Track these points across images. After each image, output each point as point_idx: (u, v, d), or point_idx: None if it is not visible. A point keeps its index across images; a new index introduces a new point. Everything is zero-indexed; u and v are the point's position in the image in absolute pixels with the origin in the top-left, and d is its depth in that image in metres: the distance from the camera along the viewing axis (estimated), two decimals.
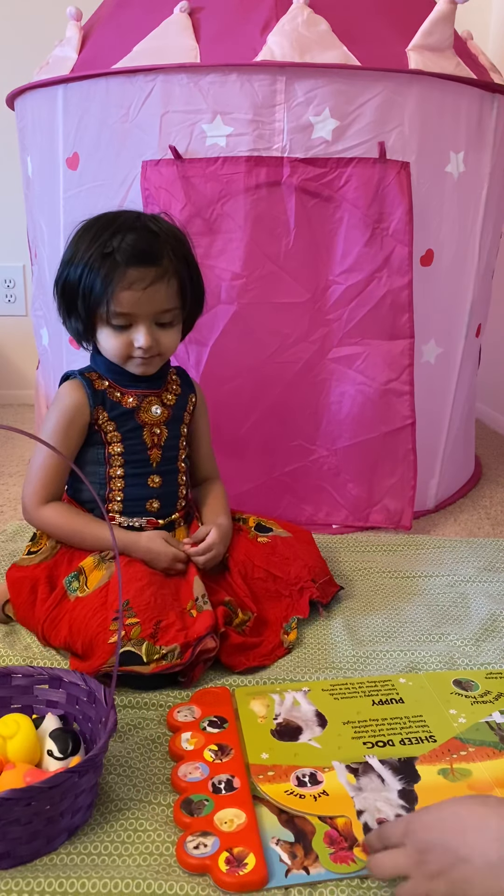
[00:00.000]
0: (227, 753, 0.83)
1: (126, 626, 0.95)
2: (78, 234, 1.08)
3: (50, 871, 0.69)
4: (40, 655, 1.03)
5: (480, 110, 1.42)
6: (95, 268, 1.03)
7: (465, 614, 1.18)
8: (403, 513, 1.48)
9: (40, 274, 1.64)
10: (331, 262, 1.38)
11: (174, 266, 1.07)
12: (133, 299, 1.04)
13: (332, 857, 0.70)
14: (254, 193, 1.32)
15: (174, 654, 0.94)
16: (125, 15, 1.42)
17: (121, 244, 1.03)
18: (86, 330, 1.10)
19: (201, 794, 0.77)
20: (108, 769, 0.82)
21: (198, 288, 1.14)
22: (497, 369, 2.17)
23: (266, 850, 0.71)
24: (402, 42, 1.32)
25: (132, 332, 1.07)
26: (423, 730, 0.88)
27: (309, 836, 0.73)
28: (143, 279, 1.03)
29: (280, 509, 1.49)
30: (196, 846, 0.70)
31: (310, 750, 0.85)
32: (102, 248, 1.03)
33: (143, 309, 1.05)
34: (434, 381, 1.53)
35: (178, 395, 1.18)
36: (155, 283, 1.04)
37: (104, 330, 1.07)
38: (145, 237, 1.05)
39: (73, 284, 1.06)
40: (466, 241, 1.50)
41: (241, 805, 0.75)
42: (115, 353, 1.09)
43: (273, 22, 1.28)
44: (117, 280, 1.02)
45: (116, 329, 1.06)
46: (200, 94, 1.29)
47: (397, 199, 1.33)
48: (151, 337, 1.07)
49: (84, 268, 1.04)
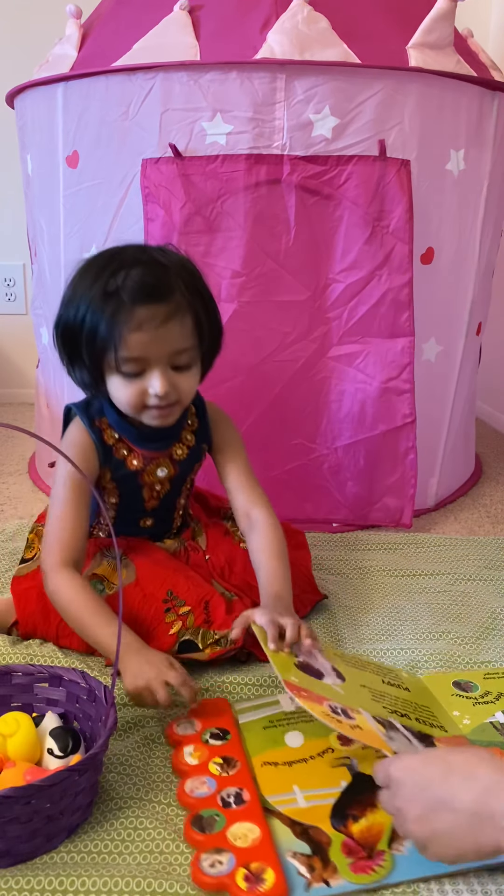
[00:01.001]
0: (234, 766, 0.81)
1: (181, 615, 0.98)
2: (78, 274, 0.97)
3: (50, 870, 0.69)
4: (40, 654, 1.03)
5: (481, 108, 1.42)
6: (99, 309, 0.91)
7: (465, 612, 1.18)
8: (404, 511, 1.48)
9: (40, 272, 1.64)
10: (331, 260, 1.37)
11: (187, 300, 0.94)
12: (144, 341, 0.91)
13: (351, 867, 0.69)
14: (254, 191, 1.32)
15: (227, 640, 0.96)
16: (125, 13, 1.42)
17: (125, 280, 0.91)
18: (94, 379, 0.97)
19: (211, 809, 0.75)
20: (107, 767, 0.82)
21: (214, 323, 1.01)
22: (497, 368, 2.17)
23: (283, 863, 0.69)
24: (402, 39, 1.32)
25: (146, 378, 0.94)
26: (433, 718, 0.88)
27: (325, 847, 0.71)
28: (154, 318, 0.91)
29: (280, 508, 1.48)
30: (211, 864, 0.68)
31: (335, 692, 0.83)
32: (105, 286, 0.91)
33: (157, 351, 0.93)
34: (434, 379, 1.53)
35: (191, 447, 1.09)
36: (167, 322, 0.92)
37: (114, 378, 0.95)
38: (153, 270, 0.93)
39: (75, 328, 0.94)
40: (467, 239, 1.49)
41: (254, 819, 0.73)
42: (129, 404, 0.96)
43: (273, 19, 1.28)
44: (124, 321, 0.90)
45: (128, 377, 0.94)
46: (200, 91, 1.29)
47: (397, 197, 1.33)
48: (168, 382, 0.93)
49: (86, 309, 0.92)
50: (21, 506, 1.62)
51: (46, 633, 1.06)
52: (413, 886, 0.68)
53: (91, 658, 1.03)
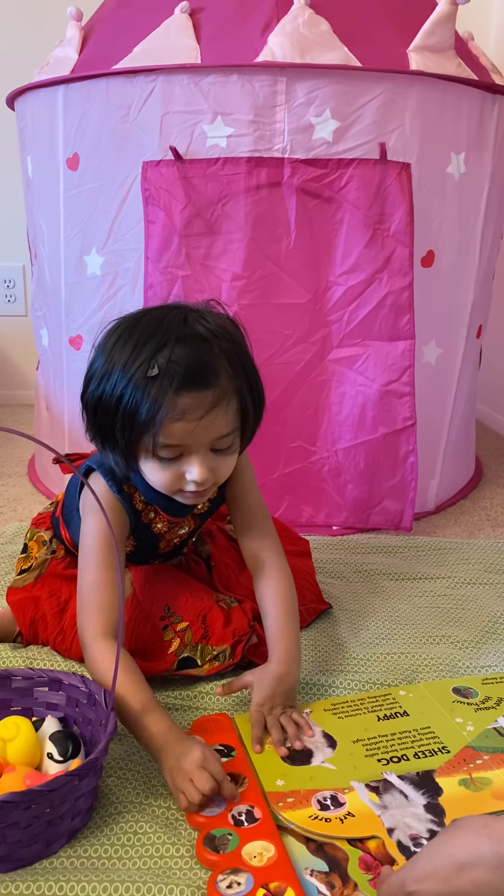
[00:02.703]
0: (242, 783, 0.79)
1: (178, 632, 0.98)
2: (112, 341, 0.86)
3: (49, 875, 0.69)
4: (40, 658, 1.03)
5: (481, 111, 1.42)
6: (139, 391, 0.82)
7: (465, 616, 1.18)
8: (404, 514, 1.48)
9: (40, 274, 1.64)
10: (331, 263, 1.37)
11: (234, 384, 0.87)
12: (186, 431, 0.84)
13: (371, 882, 0.67)
14: (254, 194, 1.32)
15: (226, 655, 0.97)
16: (126, 15, 1.42)
17: (168, 363, 0.82)
18: (126, 461, 0.89)
19: (223, 828, 0.73)
20: (107, 772, 0.82)
21: (258, 399, 0.92)
22: (498, 370, 2.17)
23: (302, 882, 0.67)
24: (402, 43, 1.32)
25: (183, 463, 0.87)
26: (434, 741, 0.86)
27: (343, 863, 0.70)
28: (199, 407, 0.83)
29: (280, 510, 1.49)
30: (229, 885, 0.67)
31: (325, 772, 0.81)
32: (147, 369, 0.82)
33: (198, 439, 0.85)
34: (435, 382, 1.53)
35: (212, 501, 1.05)
36: (212, 410, 0.84)
37: (149, 462, 0.87)
38: (197, 350, 0.84)
39: (110, 407, 0.84)
40: (467, 242, 1.49)
41: (268, 836, 0.72)
42: (163, 487, 0.90)
43: (274, 22, 1.28)
44: (168, 409, 0.82)
45: (164, 462, 0.87)
46: (201, 94, 1.29)
47: (398, 200, 1.33)
48: (207, 469, 0.87)
49: (124, 388, 0.83)
50: (20, 508, 1.62)
51: (46, 641, 1.06)
52: None
53: None
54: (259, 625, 1.03)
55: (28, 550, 1.14)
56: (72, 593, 1.05)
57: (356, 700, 0.95)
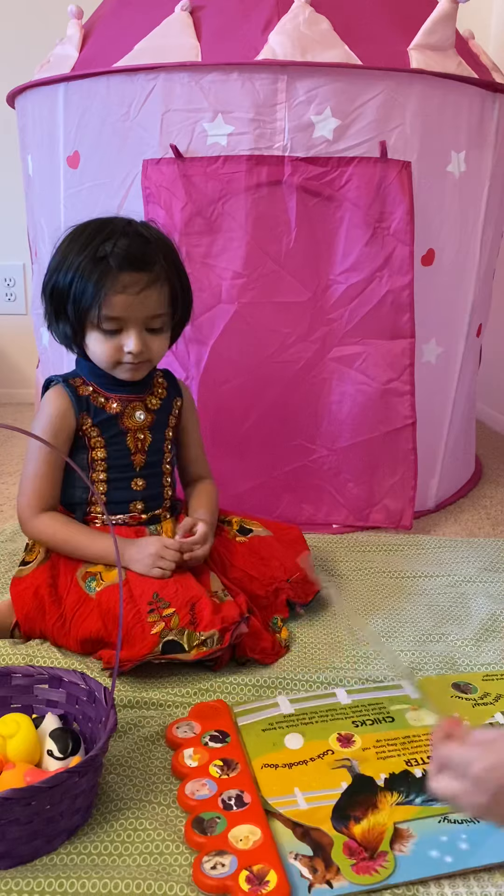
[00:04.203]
0: (234, 768, 0.81)
1: (164, 617, 0.98)
2: (67, 240, 1.07)
3: (49, 871, 0.69)
4: (40, 655, 1.03)
5: (482, 110, 1.42)
6: (87, 272, 1.02)
7: (465, 614, 1.18)
8: (404, 512, 1.48)
9: (40, 273, 1.64)
10: (332, 261, 1.37)
11: (166, 272, 1.07)
12: (125, 304, 1.03)
13: (353, 868, 0.69)
14: (255, 192, 1.32)
15: (213, 640, 0.97)
16: (126, 13, 1.42)
17: (114, 249, 1.03)
18: (74, 334, 1.09)
19: (212, 811, 0.75)
20: (107, 769, 0.82)
21: (187, 296, 1.14)
22: (498, 369, 2.17)
23: (286, 865, 0.69)
24: (403, 41, 1.32)
25: (122, 337, 1.06)
26: None
27: (327, 848, 0.71)
28: (136, 284, 1.03)
29: (280, 509, 1.49)
30: (213, 866, 0.68)
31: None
32: (95, 253, 1.03)
33: (135, 313, 1.05)
34: (435, 380, 1.53)
35: (164, 398, 1.18)
36: (147, 288, 1.04)
37: (93, 334, 1.07)
38: (138, 242, 1.05)
39: (63, 289, 1.05)
40: (467, 240, 1.49)
41: (255, 821, 0.73)
42: (104, 358, 1.08)
43: (274, 21, 1.28)
44: (110, 284, 1.02)
45: (106, 334, 1.06)
46: (202, 92, 1.29)
47: (398, 199, 1.33)
48: (141, 342, 1.06)
49: (75, 272, 1.03)
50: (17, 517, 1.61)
51: (44, 631, 1.06)
52: (413, 889, 0.68)
53: (90, 659, 1.03)
54: (253, 616, 1.05)
55: (31, 547, 1.15)
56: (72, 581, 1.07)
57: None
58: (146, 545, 1.06)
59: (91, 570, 1.07)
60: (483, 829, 0.73)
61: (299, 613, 1.15)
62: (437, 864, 0.70)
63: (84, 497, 1.13)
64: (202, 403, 1.35)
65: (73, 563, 1.09)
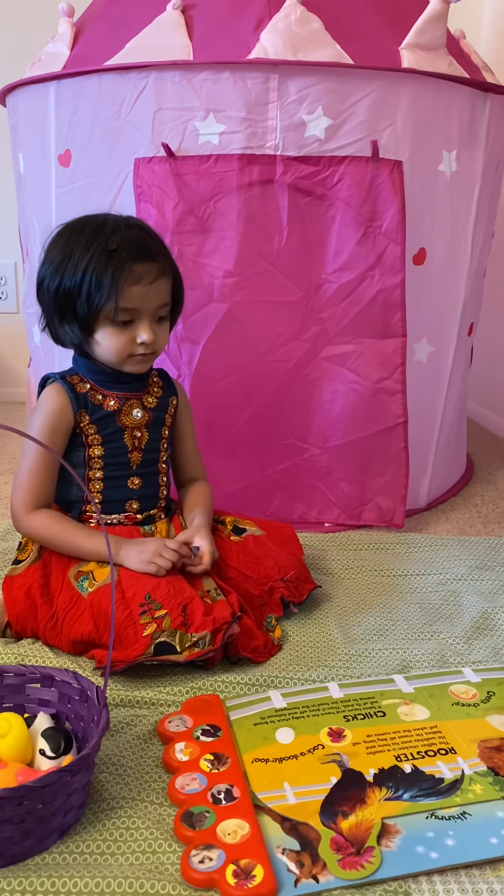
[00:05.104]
0: (224, 762, 0.82)
1: (156, 618, 0.97)
2: (64, 239, 1.07)
3: (42, 871, 0.69)
4: (32, 654, 1.03)
5: (473, 109, 1.43)
6: (101, 266, 1.03)
7: (456, 612, 1.18)
8: (395, 511, 1.49)
9: (32, 271, 1.64)
10: (323, 260, 1.38)
11: (169, 262, 1.11)
12: (141, 294, 1.05)
13: (340, 863, 0.69)
14: (247, 191, 1.32)
15: (205, 641, 0.97)
16: (118, 11, 1.42)
17: (124, 241, 1.04)
18: (83, 331, 1.08)
19: (201, 805, 0.75)
20: (100, 768, 0.82)
21: (182, 289, 1.16)
22: (489, 368, 2.18)
23: (273, 860, 0.69)
24: (394, 40, 1.32)
25: (135, 328, 1.07)
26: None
27: (315, 843, 0.72)
28: (149, 274, 1.05)
29: (272, 508, 1.49)
30: (201, 860, 0.69)
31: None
32: (105, 247, 1.03)
33: (148, 304, 1.06)
34: (426, 379, 1.54)
35: (160, 397, 1.18)
36: (158, 279, 1.07)
37: (106, 329, 1.06)
38: (142, 234, 1.08)
39: (73, 286, 1.04)
40: (459, 240, 1.50)
41: (244, 815, 0.74)
42: (117, 351, 1.08)
43: (266, 19, 1.28)
44: (126, 276, 1.03)
45: (120, 326, 1.06)
46: (193, 91, 1.28)
47: (390, 198, 1.33)
48: (153, 332, 1.07)
49: (85, 269, 1.03)
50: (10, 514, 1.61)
51: (36, 631, 1.06)
52: (405, 885, 0.69)
53: (82, 658, 1.03)
54: (245, 615, 1.05)
55: (24, 546, 1.15)
56: (64, 581, 1.06)
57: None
58: (146, 542, 1.07)
59: (83, 570, 1.07)
60: (470, 826, 0.74)
61: (293, 612, 1.15)
62: (423, 860, 0.70)
63: (80, 495, 1.13)
64: (194, 402, 1.35)
65: (65, 562, 1.09)
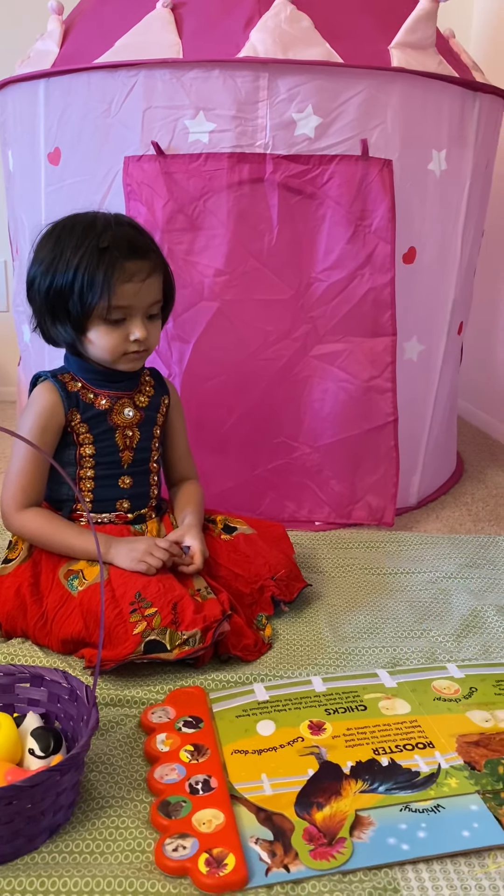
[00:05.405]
0: (204, 753, 0.83)
1: (146, 616, 0.97)
2: (53, 239, 1.06)
3: (31, 870, 0.69)
4: (21, 653, 1.03)
5: (462, 108, 1.43)
6: (93, 264, 1.02)
7: (446, 610, 1.19)
8: (386, 509, 1.49)
9: (22, 270, 1.63)
10: (314, 259, 1.38)
11: (160, 259, 1.10)
12: (133, 292, 1.04)
13: (311, 853, 0.70)
14: (237, 190, 1.32)
15: (196, 639, 0.97)
16: (107, 9, 1.41)
17: (114, 239, 1.03)
18: (76, 331, 1.07)
19: (178, 795, 0.76)
20: (89, 767, 0.82)
21: (173, 286, 1.16)
22: (479, 366, 2.19)
23: (245, 849, 0.71)
24: (384, 39, 1.32)
25: (127, 326, 1.06)
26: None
27: (288, 833, 0.73)
28: (141, 271, 1.05)
29: (263, 506, 1.49)
30: (175, 848, 0.70)
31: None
32: (96, 245, 1.03)
33: (140, 301, 1.06)
34: (416, 378, 1.54)
35: (151, 396, 1.18)
36: (150, 276, 1.06)
37: (99, 328, 1.06)
38: (133, 232, 1.07)
39: (65, 287, 1.04)
40: (448, 238, 1.50)
41: (219, 805, 0.75)
42: (110, 349, 1.07)
43: (256, 18, 1.28)
44: (118, 274, 1.03)
45: (112, 324, 1.06)
46: (183, 89, 1.28)
47: (380, 197, 1.33)
48: (145, 329, 1.07)
49: (77, 267, 1.02)
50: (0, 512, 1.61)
51: (25, 630, 1.06)
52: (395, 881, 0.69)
53: (72, 658, 1.03)
54: (235, 614, 1.05)
55: (13, 544, 1.15)
56: (54, 580, 1.06)
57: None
58: (137, 541, 1.07)
59: (73, 568, 1.07)
60: (443, 819, 0.75)
61: (284, 611, 1.15)
62: (394, 851, 0.71)
63: (71, 494, 1.13)
64: (185, 401, 1.35)
65: (55, 560, 1.09)
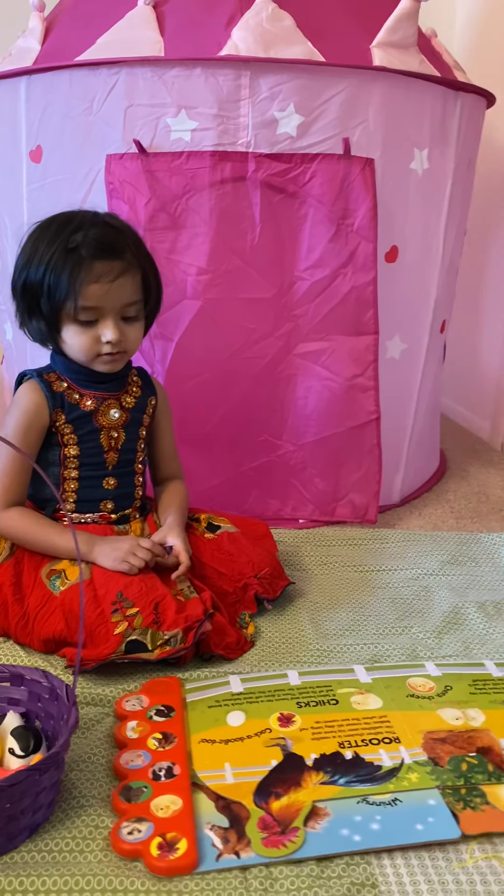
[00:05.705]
0: (171, 741, 0.84)
1: (127, 616, 0.97)
2: (34, 236, 1.07)
3: (10, 870, 0.69)
4: (2, 654, 1.02)
5: (444, 108, 1.44)
6: (60, 264, 1.02)
7: (427, 607, 1.20)
8: (369, 507, 1.50)
9: (4, 268, 1.62)
10: (296, 257, 1.38)
11: (137, 259, 1.08)
12: (100, 293, 1.03)
13: (263, 841, 0.72)
14: (219, 188, 1.32)
15: (177, 640, 0.97)
16: (89, 6, 1.41)
17: (84, 239, 1.02)
18: (50, 329, 1.07)
19: (141, 781, 0.78)
20: (69, 766, 0.82)
21: (158, 283, 1.14)
22: (462, 364, 2.20)
23: (199, 835, 0.72)
24: (366, 38, 1.33)
25: (99, 327, 1.06)
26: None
27: (244, 821, 0.74)
28: (110, 272, 1.03)
29: (247, 504, 1.50)
30: (130, 832, 0.72)
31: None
32: (66, 244, 1.02)
33: (110, 302, 1.05)
34: (399, 376, 1.55)
35: (138, 397, 1.18)
36: (121, 276, 1.04)
37: (70, 328, 1.06)
38: (107, 231, 1.05)
39: (36, 284, 1.04)
40: (430, 237, 1.51)
41: (179, 791, 0.77)
42: (83, 350, 1.07)
43: (238, 16, 1.28)
44: (84, 274, 1.02)
45: (83, 325, 1.05)
46: (165, 87, 1.28)
47: (362, 196, 1.34)
48: (119, 331, 1.06)
49: (47, 265, 1.03)
50: None
51: (7, 630, 1.06)
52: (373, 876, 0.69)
53: (54, 657, 1.03)
54: (218, 612, 1.05)
55: None
56: (36, 579, 1.06)
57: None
58: (120, 540, 1.07)
59: (56, 568, 1.07)
60: (399, 812, 0.76)
61: (267, 608, 1.15)
62: (345, 841, 0.72)
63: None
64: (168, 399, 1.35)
65: (37, 560, 1.08)
